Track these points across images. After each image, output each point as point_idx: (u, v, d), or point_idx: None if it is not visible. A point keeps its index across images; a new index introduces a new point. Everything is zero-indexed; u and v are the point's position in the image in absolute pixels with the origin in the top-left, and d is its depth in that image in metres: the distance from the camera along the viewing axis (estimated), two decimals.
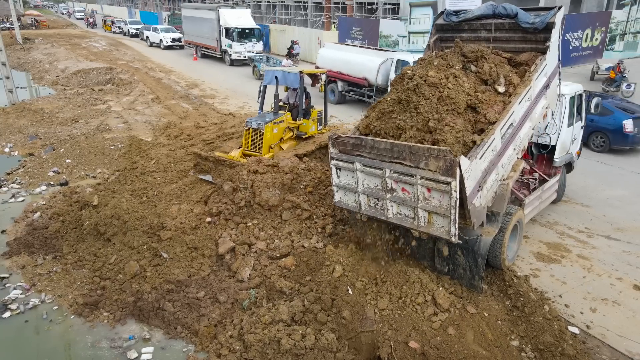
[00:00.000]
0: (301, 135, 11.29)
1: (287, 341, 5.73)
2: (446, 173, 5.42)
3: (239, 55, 29.10)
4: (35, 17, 57.06)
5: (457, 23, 8.25)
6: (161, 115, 17.42)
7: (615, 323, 6.54)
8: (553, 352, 5.90)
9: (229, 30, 28.98)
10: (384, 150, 5.95)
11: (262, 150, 10.05)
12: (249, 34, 29.68)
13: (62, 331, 6.51)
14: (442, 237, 5.90)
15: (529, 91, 6.82)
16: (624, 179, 11.66)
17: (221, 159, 9.60)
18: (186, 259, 7.66)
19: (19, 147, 13.78)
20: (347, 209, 6.85)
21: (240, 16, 30.56)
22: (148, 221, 8.07)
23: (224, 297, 6.75)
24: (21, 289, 7.31)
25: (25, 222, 9.30)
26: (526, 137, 7.26)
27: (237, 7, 35.08)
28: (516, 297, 6.74)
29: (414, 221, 6.04)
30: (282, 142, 10.72)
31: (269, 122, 10.14)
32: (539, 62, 7.17)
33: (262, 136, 9.97)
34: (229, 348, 5.94)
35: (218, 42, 30.47)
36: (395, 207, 6.19)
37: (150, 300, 6.76)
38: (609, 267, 7.88)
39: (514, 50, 7.85)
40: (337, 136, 6.48)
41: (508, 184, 6.78)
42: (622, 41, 29.37)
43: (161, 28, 40.41)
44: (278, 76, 10.81)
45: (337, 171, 6.67)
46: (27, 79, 25.97)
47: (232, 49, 29.18)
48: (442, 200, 5.66)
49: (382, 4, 34.79)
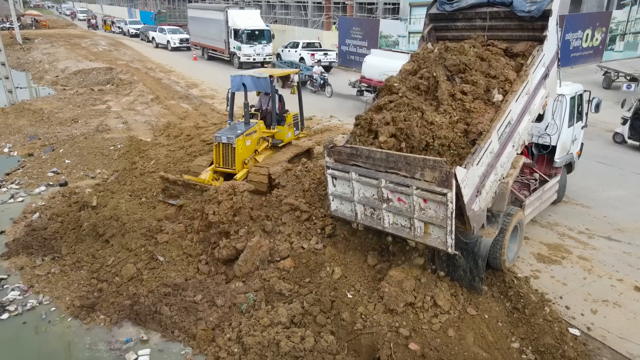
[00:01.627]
0: (277, 143, 10.52)
1: (287, 343, 5.70)
2: (442, 184, 5.37)
3: (249, 58, 27.78)
4: (35, 17, 57.04)
5: (450, 12, 8.02)
6: (161, 116, 17.40)
7: (616, 325, 6.51)
8: (554, 354, 5.87)
9: (238, 31, 27.82)
10: (379, 160, 5.90)
11: (235, 166, 9.32)
12: (258, 36, 28.33)
13: (59, 333, 6.48)
14: (438, 248, 5.85)
15: (526, 86, 6.71)
16: (624, 180, 11.63)
17: (191, 182, 8.87)
18: (182, 263, 7.61)
19: (19, 147, 13.75)
20: (343, 218, 6.77)
21: (250, 17, 29.28)
22: (146, 223, 8.02)
23: (222, 300, 6.68)
24: (19, 290, 7.29)
25: (25, 222, 9.27)
26: (525, 131, 7.15)
27: (246, 8, 33.60)
28: (516, 298, 6.71)
29: (410, 231, 5.99)
30: (257, 155, 9.92)
31: (240, 134, 9.29)
32: (536, 54, 7.01)
33: (234, 151, 9.19)
34: (227, 351, 5.90)
35: (226, 44, 29.41)
36: (392, 217, 6.14)
37: (147, 303, 6.70)
38: (609, 268, 7.84)
39: (510, 38, 7.68)
40: (332, 145, 6.42)
41: (508, 182, 6.73)
42: (623, 41, 29.34)
43: (168, 29, 39.20)
44: (246, 82, 9.87)
45: (332, 180, 6.62)
46: (27, 79, 25.94)
47: (241, 51, 27.97)
48: (438, 211, 5.62)
49: (382, 4, 34.79)
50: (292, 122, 11.00)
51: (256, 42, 28.16)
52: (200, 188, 8.66)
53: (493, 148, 6.14)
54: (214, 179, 9.34)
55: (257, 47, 27.95)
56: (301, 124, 11.48)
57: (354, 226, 6.68)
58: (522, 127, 6.92)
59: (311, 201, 8.47)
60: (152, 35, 40.17)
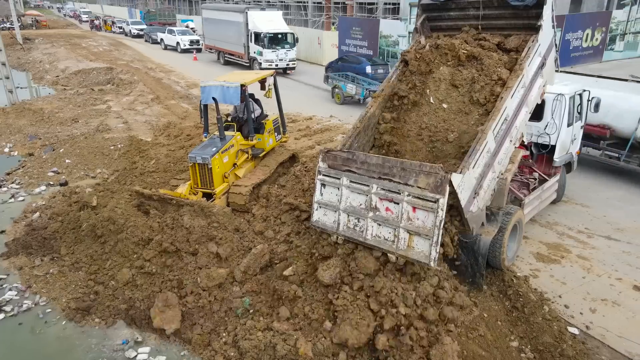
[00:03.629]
0: (258, 153, 9.81)
1: (283, 347, 5.68)
2: (435, 190, 5.29)
3: (271, 64, 25.32)
4: (36, 17, 57.12)
5: (443, 2, 7.86)
6: (161, 115, 17.42)
7: (615, 324, 6.53)
8: (552, 353, 5.90)
9: (259, 35, 25.79)
10: (374, 165, 5.82)
11: (213, 186, 8.73)
12: (281, 40, 26.39)
13: (55, 335, 6.47)
14: (420, 262, 5.54)
15: (522, 79, 6.58)
16: (624, 179, 11.63)
17: (167, 197, 8.33)
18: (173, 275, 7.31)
19: (19, 147, 13.77)
20: (324, 230, 6.45)
21: (272, 19, 27.14)
22: (139, 232, 7.72)
23: (217, 305, 6.66)
24: (16, 290, 7.29)
25: (25, 222, 9.29)
26: (523, 124, 7.04)
27: (267, 9, 31.42)
28: (516, 297, 6.74)
29: (392, 244, 5.73)
30: (237, 169, 9.25)
31: (215, 153, 8.60)
32: (532, 44, 6.84)
33: (211, 171, 8.61)
34: (223, 355, 5.90)
35: (245, 48, 27.28)
36: (376, 227, 5.88)
37: (143, 308, 6.69)
38: (608, 268, 7.86)
39: (505, 27, 7.52)
40: (327, 150, 6.33)
41: (506, 178, 6.70)
42: (623, 41, 29.37)
43: (178, 30, 38.11)
44: (216, 94, 8.87)
45: (321, 187, 6.41)
46: (27, 79, 25.96)
47: (262, 57, 25.79)
48: (426, 221, 5.45)
49: (382, 4, 34.83)
50: (273, 127, 10.27)
51: (279, 46, 26.23)
52: (176, 203, 8.10)
53: (489, 148, 6.09)
54: (191, 193, 8.83)
55: (280, 51, 26.09)
56: (283, 128, 10.82)
57: (333, 238, 6.31)
58: (519, 121, 6.81)
59: (311, 201, 8.45)
60: (161, 36, 39.21)
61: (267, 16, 27.37)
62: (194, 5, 61.60)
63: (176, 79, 25.11)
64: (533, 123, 9.08)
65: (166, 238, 7.51)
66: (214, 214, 7.73)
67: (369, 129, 7.43)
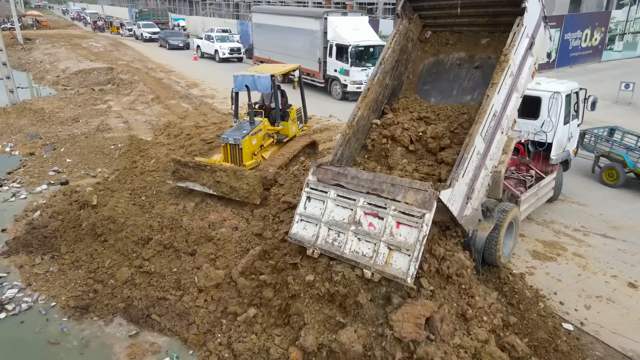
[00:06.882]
0: (282, 139, 10.73)
1: (276, 350, 5.72)
2: (422, 205, 5.28)
3: (359, 87, 18.75)
4: (36, 17, 57.22)
5: None
6: (161, 115, 17.50)
7: (610, 320, 6.59)
8: (547, 349, 5.95)
9: (344, 48, 19.34)
10: (364, 180, 5.82)
11: (243, 162, 9.56)
12: (372, 54, 19.76)
13: (54, 333, 6.52)
14: (397, 278, 5.34)
15: (508, 69, 6.27)
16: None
17: (202, 163, 9.03)
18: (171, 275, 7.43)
19: (20, 146, 13.85)
20: (300, 243, 6.22)
21: (357, 27, 20.36)
22: (139, 231, 7.88)
23: (213, 305, 6.72)
24: (17, 288, 7.35)
25: (26, 220, 9.37)
26: (514, 110, 6.80)
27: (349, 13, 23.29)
28: (511, 294, 6.80)
29: (370, 259, 5.56)
30: (263, 150, 10.17)
31: (246, 135, 9.51)
32: (516, 29, 6.37)
33: (242, 151, 9.47)
34: (218, 356, 5.96)
35: (321, 65, 20.80)
36: (356, 242, 5.75)
37: (140, 307, 6.75)
38: (604, 265, 7.92)
39: (488, 4, 7.08)
40: (320, 164, 6.31)
41: (500, 170, 6.69)
42: (622, 41, 29.42)
43: (216, 36, 32.48)
44: (248, 82, 9.90)
45: (306, 200, 6.29)
46: (28, 79, 26.06)
47: (348, 77, 19.34)
48: (408, 237, 5.37)
49: (382, 4, 34.89)
50: (296, 116, 11.22)
51: (369, 62, 19.39)
52: (210, 169, 8.84)
53: (479, 150, 6.00)
54: (224, 161, 9.65)
55: (370, 70, 18.14)
56: (305, 118, 11.75)
57: (309, 252, 6.11)
58: (510, 109, 6.58)
59: None
60: (197, 43, 34.00)
61: (351, 23, 20.63)
62: (194, 5, 61.62)
63: (176, 79, 25.18)
64: (530, 121, 9.15)
65: (165, 238, 7.70)
66: (246, 176, 8.50)
67: (359, 132, 7.25)
